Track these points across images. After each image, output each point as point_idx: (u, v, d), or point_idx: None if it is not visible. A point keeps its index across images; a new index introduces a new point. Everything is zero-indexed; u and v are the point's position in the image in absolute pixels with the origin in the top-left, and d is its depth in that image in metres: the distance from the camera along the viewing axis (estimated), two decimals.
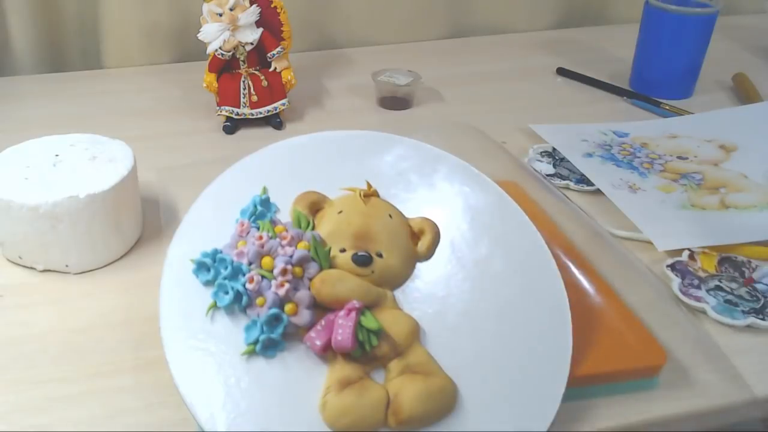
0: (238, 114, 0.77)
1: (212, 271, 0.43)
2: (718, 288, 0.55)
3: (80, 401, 0.45)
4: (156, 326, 0.42)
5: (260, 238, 0.43)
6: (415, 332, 0.43)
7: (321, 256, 0.43)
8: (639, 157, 0.73)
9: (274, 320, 0.41)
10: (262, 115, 0.78)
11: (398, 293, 0.45)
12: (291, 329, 0.41)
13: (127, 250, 0.58)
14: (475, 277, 0.46)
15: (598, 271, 0.53)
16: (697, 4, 0.86)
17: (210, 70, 0.77)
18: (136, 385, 0.46)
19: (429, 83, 0.88)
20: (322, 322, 0.41)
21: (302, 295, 0.42)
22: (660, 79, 0.88)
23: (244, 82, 0.77)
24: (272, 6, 0.77)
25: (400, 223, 0.47)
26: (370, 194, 0.48)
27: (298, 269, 0.42)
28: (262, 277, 0.42)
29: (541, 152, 0.74)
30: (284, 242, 0.43)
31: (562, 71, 0.95)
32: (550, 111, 0.85)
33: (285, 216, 0.47)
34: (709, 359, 0.48)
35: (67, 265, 0.55)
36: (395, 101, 0.85)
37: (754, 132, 0.77)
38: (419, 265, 0.46)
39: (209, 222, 0.47)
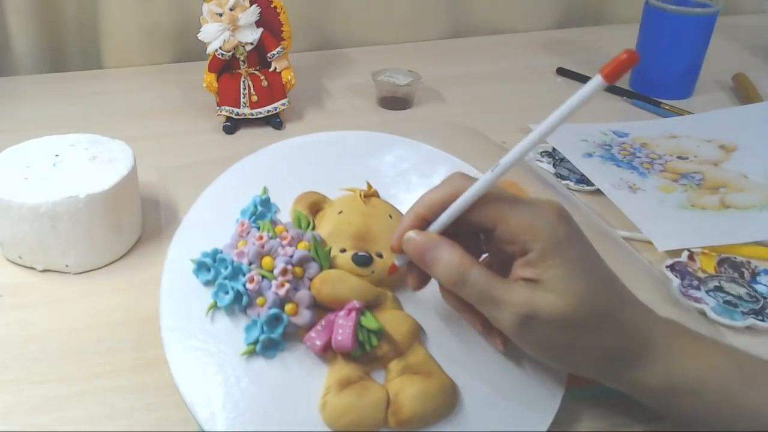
0: (238, 114, 0.77)
1: (212, 271, 0.43)
2: (718, 289, 0.55)
3: (80, 401, 0.45)
4: (156, 326, 0.42)
5: (260, 238, 0.43)
6: (415, 332, 0.43)
7: (321, 256, 0.43)
8: (639, 157, 0.73)
9: (274, 320, 0.41)
10: (262, 115, 0.78)
11: (398, 293, 0.45)
12: (291, 329, 0.41)
13: (127, 250, 0.58)
14: None
15: None
16: (697, 4, 0.86)
17: (210, 70, 0.77)
18: (136, 385, 0.46)
19: (429, 83, 0.88)
20: (322, 322, 0.41)
21: (302, 295, 0.42)
22: (660, 79, 0.88)
23: (244, 82, 0.77)
24: (272, 6, 0.77)
25: None
26: (370, 194, 0.48)
27: (298, 269, 0.42)
28: (263, 277, 0.42)
29: (541, 152, 0.74)
30: (284, 242, 0.43)
31: (562, 71, 0.95)
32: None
33: (285, 216, 0.47)
34: None
35: (67, 265, 0.55)
36: (395, 101, 0.85)
37: (754, 132, 0.77)
38: None
39: (209, 222, 0.47)
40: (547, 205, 0.39)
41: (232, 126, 0.78)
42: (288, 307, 0.41)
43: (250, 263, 0.43)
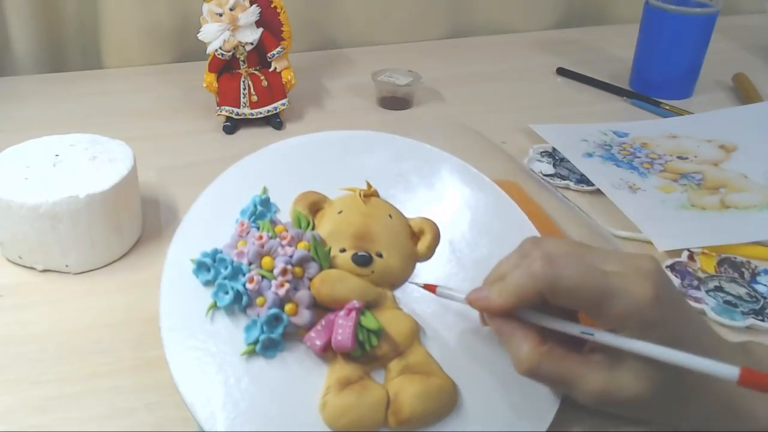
0: (238, 114, 0.77)
1: (212, 271, 0.43)
2: (718, 289, 0.55)
3: (80, 401, 0.45)
4: (156, 326, 0.42)
5: (260, 238, 0.43)
6: (415, 332, 0.43)
7: (321, 256, 0.43)
8: (639, 157, 0.73)
9: (274, 320, 0.41)
10: (262, 115, 0.78)
11: (398, 293, 0.45)
12: (291, 329, 0.41)
13: (127, 250, 0.58)
14: (475, 277, 0.46)
15: None
16: (697, 4, 0.86)
17: (210, 70, 0.77)
18: (136, 385, 0.46)
19: (429, 83, 0.88)
20: (322, 322, 0.41)
21: (302, 295, 0.42)
22: (660, 79, 0.88)
23: (244, 82, 0.77)
24: (272, 6, 0.77)
25: (400, 224, 0.47)
26: (370, 194, 0.48)
27: (298, 269, 0.42)
28: (262, 277, 0.42)
29: (541, 152, 0.74)
30: (284, 242, 0.43)
31: (562, 71, 0.95)
32: (550, 111, 0.85)
33: (285, 216, 0.47)
34: None
35: (67, 265, 0.55)
36: (395, 101, 0.85)
37: (754, 132, 0.77)
38: (419, 265, 0.46)
39: (209, 222, 0.47)
40: (644, 282, 0.37)
41: (232, 126, 0.78)
42: (288, 307, 0.41)
43: (250, 263, 0.43)
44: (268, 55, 0.77)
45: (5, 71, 0.93)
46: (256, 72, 0.78)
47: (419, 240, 0.47)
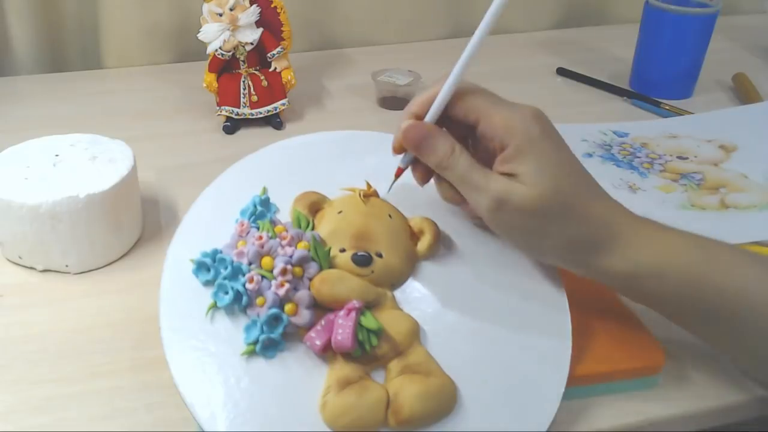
0: (238, 114, 0.77)
1: (212, 271, 0.43)
2: None
3: (80, 401, 0.45)
4: (156, 326, 0.42)
5: (260, 238, 0.43)
6: (415, 332, 0.43)
7: (321, 256, 0.43)
8: (639, 157, 0.73)
9: (274, 320, 0.41)
10: (262, 115, 0.78)
11: (398, 293, 0.45)
12: (291, 329, 0.41)
13: (127, 250, 0.58)
14: (475, 276, 0.46)
15: None
16: (697, 4, 0.86)
17: (210, 70, 0.77)
18: (136, 385, 0.46)
19: (429, 83, 0.88)
20: (322, 322, 0.41)
21: (302, 295, 0.42)
22: (660, 79, 0.88)
23: (244, 82, 0.77)
24: (272, 6, 0.77)
25: (400, 223, 0.47)
26: (369, 194, 0.48)
27: (298, 269, 0.42)
28: (262, 277, 0.42)
29: None
30: (284, 242, 0.43)
31: (562, 71, 0.95)
32: (550, 111, 0.83)
33: (285, 216, 0.47)
34: (709, 359, 0.48)
35: (67, 265, 0.55)
36: (395, 101, 0.85)
37: (754, 132, 0.77)
38: (419, 265, 0.46)
39: (209, 222, 0.47)
40: (524, 107, 0.45)
41: (232, 126, 0.78)
42: (288, 307, 0.41)
43: (250, 263, 0.43)
44: (268, 55, 0.77)
45: (5, 71, 0.93)
46: (256, 72, 0.78)
47: (419, 240, 0.47)
